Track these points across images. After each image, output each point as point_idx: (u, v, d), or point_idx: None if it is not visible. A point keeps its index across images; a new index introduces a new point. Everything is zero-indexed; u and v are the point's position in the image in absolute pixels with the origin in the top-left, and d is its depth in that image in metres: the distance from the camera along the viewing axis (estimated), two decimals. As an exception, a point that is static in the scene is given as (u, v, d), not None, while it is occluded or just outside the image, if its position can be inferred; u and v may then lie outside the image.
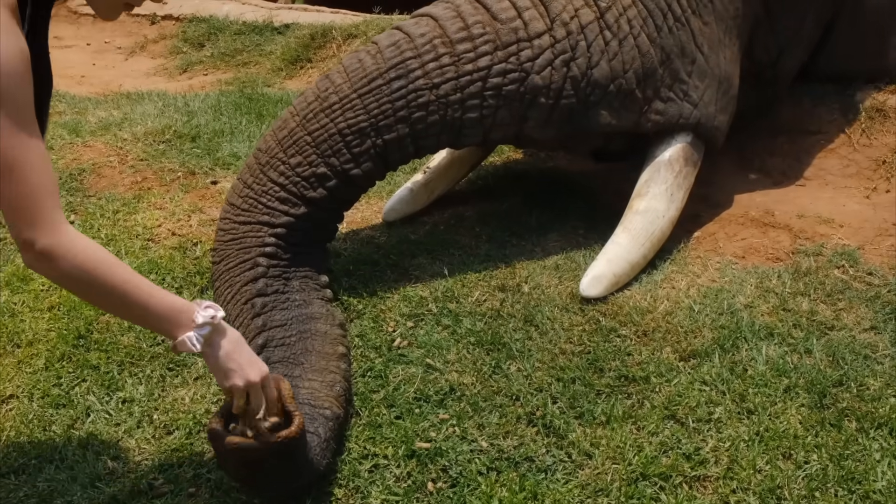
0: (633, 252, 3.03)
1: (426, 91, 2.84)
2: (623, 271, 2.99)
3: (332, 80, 2.88)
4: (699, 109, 3.16)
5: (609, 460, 2.34)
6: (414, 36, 2.88)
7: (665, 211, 3.12)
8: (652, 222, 3.09)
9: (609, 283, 2.94)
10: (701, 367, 2.62)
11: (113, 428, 2.53)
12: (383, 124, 2.83)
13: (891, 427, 2.40)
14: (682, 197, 3.19)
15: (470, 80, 2.86)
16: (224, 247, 2.77)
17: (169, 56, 6.20)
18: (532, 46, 2.90)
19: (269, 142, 2.87)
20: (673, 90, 3.12)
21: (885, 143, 3.83)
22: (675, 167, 3.17)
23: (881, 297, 2.90)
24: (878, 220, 3.40)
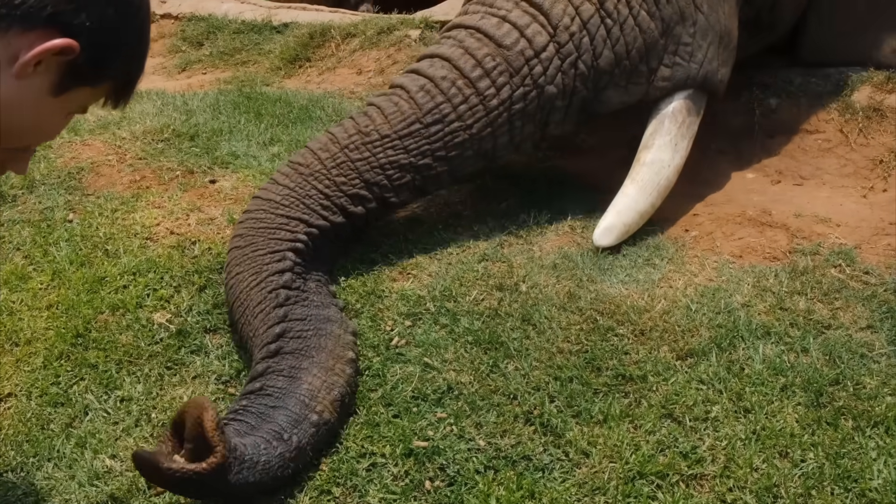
0: (641, 202, 3.24)
1: (461, 132, 3.08)
2: (633, 220, 3.21)
3: (372, 119, 3.07)
4: (704, 67, 3.33)
5: (606, 459, 2.35)
6: (437, 80, 3.09)
7: (670, 160, 3.31)
8: (658, 172, 3.28)
9: (620, 232, 3.18)
10: (698, 366, 2.63)
11: (111, 426, 2.54)
12: (423, 163, 3.05)
13: (887, 426, 2.41)
14: (686, 146, 3.36)
15: (497, 114, 3.10)
16: (254, 233, 2.83)
17: (168, 55, 6.20)
18: (541, 61, 3.12)
19: (310, 159, 3.01)
20: (678, 54, 3.28)
21: (883, 143, 3.84)
22: (678, 118, 3.33)
23: (878, 297, 2.91)
24: (875, 220, 3.41)
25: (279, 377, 2.45)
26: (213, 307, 2.92)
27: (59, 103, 1.52)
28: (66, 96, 1.51)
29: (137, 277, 3.03)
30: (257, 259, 2.77)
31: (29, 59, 1.41)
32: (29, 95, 1.46)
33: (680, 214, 3.48)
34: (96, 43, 1.47)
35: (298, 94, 4.87)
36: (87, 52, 1.46)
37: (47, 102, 1.50)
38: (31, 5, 1.38)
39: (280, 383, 2.43)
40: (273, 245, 2.80)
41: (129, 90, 1.64)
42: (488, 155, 3.16)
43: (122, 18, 1.50)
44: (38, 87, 1.46)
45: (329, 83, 5.29)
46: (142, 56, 1.62)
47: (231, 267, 2.81)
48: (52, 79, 1.47)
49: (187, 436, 2.12)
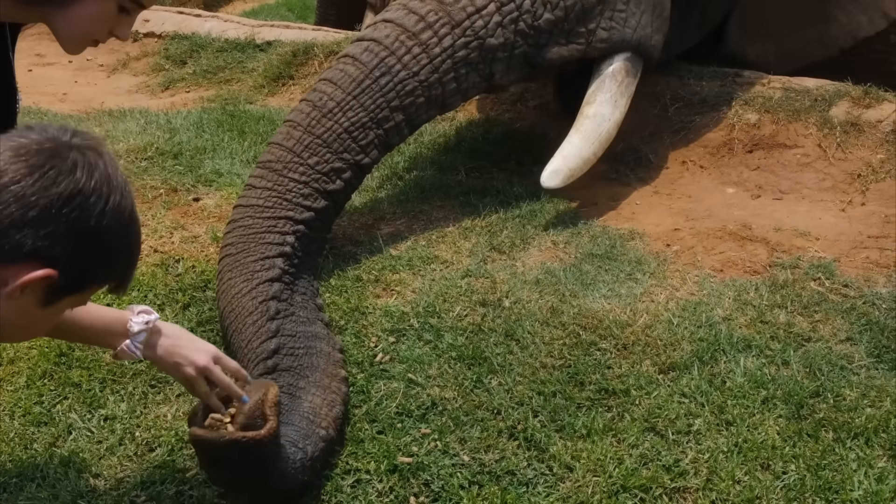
0: (585, 150, 3.54)
1: (410, 80, 3.24)
2: (577, 166, 3.51)
3: (324, 91, 3.19)
4: (637, 32, 3.63)
5: (590, 473, 2.36)
6: (380, 39, 3.27)
7: (610, 115, 3.60)
8: (599, 125, 3.58)
9: (565, 175, 3.48)
10: (680, 380, 2.65)
11: (95, 445, 2.53)
12: (382, 116, 3.19)
13: (867, 437, 2.43)
14: (624, 103, 3.67)
15: (441, 60, 3.29)
16: (243, 240, 2.89)
17: (151, 73, 6.20)
18: (482, 16, 3.34)
19: (278, 152, 3.09)
20: (613, 20, 3.56)
21: (860, 158, 3.88)
22: (617, 78, 3.63)
23: (857, 309, 2.94)
24: (853, 233, 3.45)
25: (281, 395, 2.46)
26: (196, 325, 2.92)
27: (51, 311, 1.74)
28: (57, 305, 1.74)
29: (121, 296, 3.02)
30: (248, 265, 2.81)
31: (13, 289, 1.63)
32: (21, 311, 1.69)
33: (661, 229, 3.51)
34: (74, 267, 1.69)
35: (282, 112, 4.88)
36: (67, 274, 1.68)
37: (39, 313, 1.72)
38: (13, 244, 1.60)
39: (282, 400, 2.44)
40: (263, 250, 2.85)
41: (124, 285, 1.87)
42: (439, 101, 3.34)
43: (99, 243, 1.71)
44: (28, 304, 1.68)
45: (312, 101, 5.30)
46: (132, 264, 1.85)
47: (223, 274, 2.84)
48: (39, 296, 1.69)
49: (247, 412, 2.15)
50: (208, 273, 3.12)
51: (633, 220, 3.60)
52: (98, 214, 1.67)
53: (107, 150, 1.75)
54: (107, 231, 1.70)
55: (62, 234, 1.64)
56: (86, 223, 1.66)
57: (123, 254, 1.79)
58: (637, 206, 3.74)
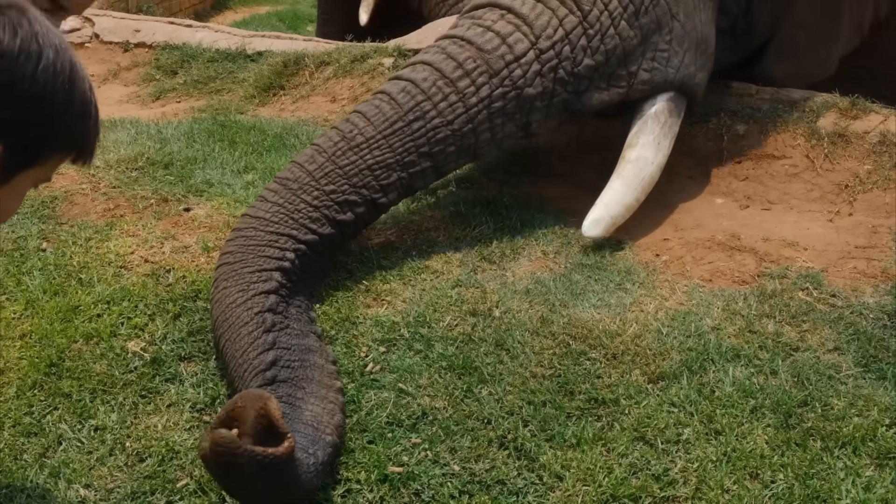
0: (627, 196, 3.43)
1: (443, 128, 3.21)
2: (619, 213, 3.40)
3: (355, 124, 3.18)
4: (680, 71, 3.54)
5: (580, 482, 2.37)
6: (418, 81, 3.24)
7: (653, 158, 3.50)
8: (642, 169, 3.47)
9: (608, 224, 3.37)
10: (669, 389, 2.66)
11: (85, 456, 2.53)
12: (408, 160, 3.17)
13: (854, 446, 2.45)
14: (668, 145, 3.57)
15: (477, 110, 3.24)
16: (243, 250, 2.88)
17: (142, 83, 6.20)
18: (521, 65, 3.29)
19: (298, 173, 3.08)
20: (655, 60, 3.48)
21: (848, 168, 3.91)
22: (660, 119, 3.53)
23: (844, 319, 2.96)
24: (841, 244, 3.47)
25: (281, 405, 2.46)
26: (187, 335, 2.92)
27: (9, 189, 1.61)
28: (13, 183, 1.60)
29: (111, 306, 3.03)
30: (245, 276, 2.80)
31: None
32: None
33: (651, 239, 3.53)
34: (22, 137, 1.55)
35: (273, 122, 4.89)
36: (12, 148, 1.53)
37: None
38: None
39: (284, 410, 2.44)
40: (261, 263, 2.84)
41: (86, 152, 1.71)
42: (471, 151, 3.30)
43: (40, 107, 1.55)
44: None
45: (303, 111, 5.32)
46: (85, 121, 1.66)
47: (218, 282, 2.83)
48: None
49: (250, 429, 2.13)
50: (199, 283, 3.12)
51: (623, 230, 3.61)
52: (30, 76, 1.51)
53: (32, 8, 1.56)
54: (45, 93, 1.53)
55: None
56: (18, 87, 1.50)
57: (72, 117, 1.61)
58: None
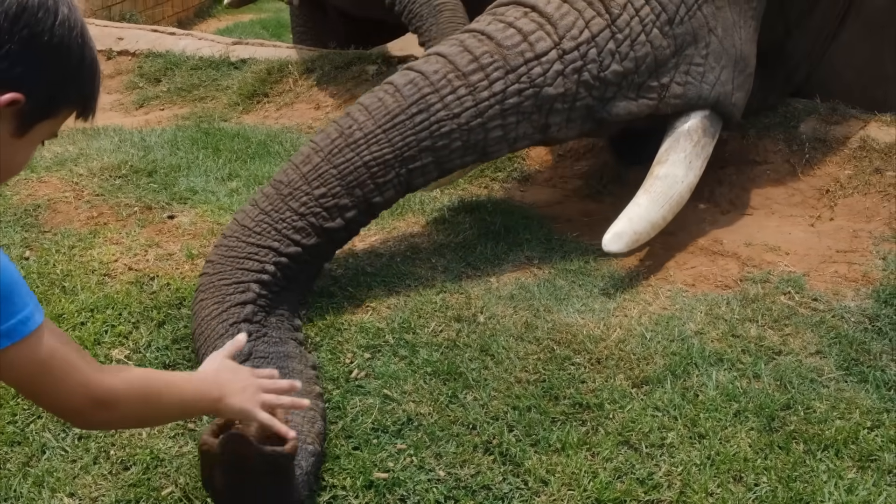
0: (654, 213, 3.21)
1: (448, 121, 3.03)
2: (643, 230, 3.18)
3: (355, 118, 3.03)
4: (716, 89, 3.33)
5: (565, 487, 2.38)
6: (428, 73, 3.07)
7: (683, 177, 3.28)
8: (671, 186, 3.25)
9: (630, 239, 3.14)
10: (653, 394, 2.68)
11: (69, 464, 2.52)
12: (408, 155, 3.00)
13: (837, 449, 2.47)
14: (700, 165, 3.33)
15: (488, 105, 3.05)
16: (223, 261, 2.84)
17: (125, 91, 6.19)
18: (541, 63, 3.11)
19: (292, 175, 2.98)
20: (689, 74, 3.29)
21: (828, 173, 3.94)
22: (693, 137, 3.32)
23: (826, 323, 2.99)
24: (822, 248, 3.50)
25: None
26: (172, 343, 2.92)
27: (26, 141, 1.65)
28: (30, 134, 1.64)
29: (95, 314, 3.02)
30: (221, 289, 2.78)
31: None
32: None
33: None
34: (42, 87, 1.60)
35: (256, 130, 4.90)
36: (36, 96, 1.59)
37: (14, 143, 1.63)
38: None
39: None
40: (239, 275, 2.81)
41: (92, 106, 1.76)
42: (479, 148, 3.10)
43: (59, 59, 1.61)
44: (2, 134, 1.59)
45: (287, 118, 5.32)
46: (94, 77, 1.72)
47: (198, 293, 2.83)
48: (11, 125, 1.60)
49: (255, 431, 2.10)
50: (183, 291, 3.11)
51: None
52: (50, 29, 1.58)
53: None
54: (62, 47, 1.61)
55: (18, 54, 1.55)
56: (40, 39, 1.57)
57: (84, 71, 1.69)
58: (610, 223, 3.77)
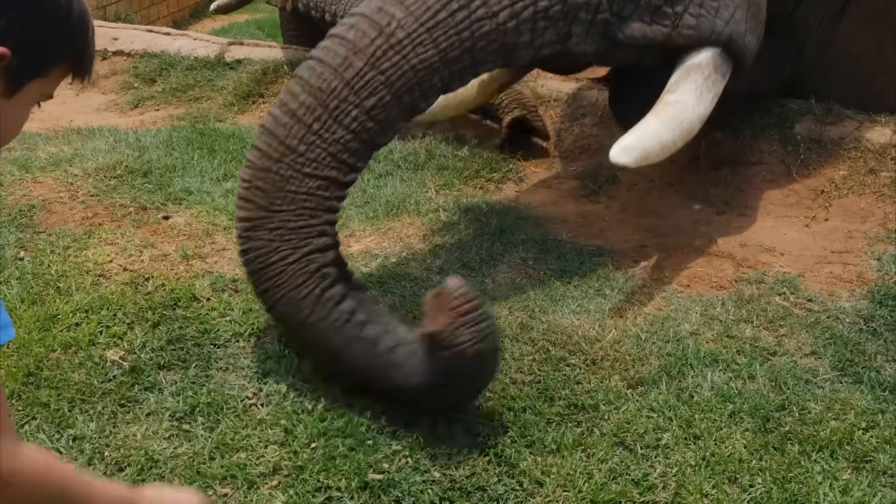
0: (664, 133, 3.11)
1: (487, 20, 2.87)
2: (653, 148, 3.07)
3: (392, 14, 2.77)
4: (730, 26, 3.27)
5: (560, 488, 2.38)
6: None
7: (694, 106, 3.19)
8: (681, 112, 3.17)
9: (639, 154, 3.03)
10: (648, 395, 2.68)
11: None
12: (452, 56, 2.82)
13: (832, 449, 2.47)
14: (710, 99, 3.25)
15: (523, 6, 2.92)
16: (279, 195, 2.62)
17: (120, 91, 6.18)
18: None
19: (334, 83, 2.68)
20: (703, 7, 3.22)
21: (823, 174, 3.95)
22: (704, 71, 3.25)
23: (821, 323, 2.99)
24: (817, 248, 3.51)
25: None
26: (166, 343, 2.91)
27: (17, 101, 1.58)
28: (21, 94, 1.57)
29: (90, 315, 3.01)
30: (292, 232, 2.60)
31: None
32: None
33: (629, 246, 3.55)
34: (29, 41, 1.53)
35: (252, 130, 4.89)
36: (22, 51, 1.51)
37: (5, 106, 1.55)
38: None
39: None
40: (307, 218, 2.62)
41: (86, 64, 1.67)
42: (509, 52, 2.97)
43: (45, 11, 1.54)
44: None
45: (282, 119, 5.31)
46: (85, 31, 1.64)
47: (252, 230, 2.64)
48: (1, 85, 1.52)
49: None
50: (178, 291, 3.11)
51: (602, 236, 3.64)
52: None
53: None
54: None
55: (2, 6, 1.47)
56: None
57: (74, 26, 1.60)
58: (605, 223, 3.78)
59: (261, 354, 2.86)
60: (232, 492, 2.37)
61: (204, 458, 2.46)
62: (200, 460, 2.45)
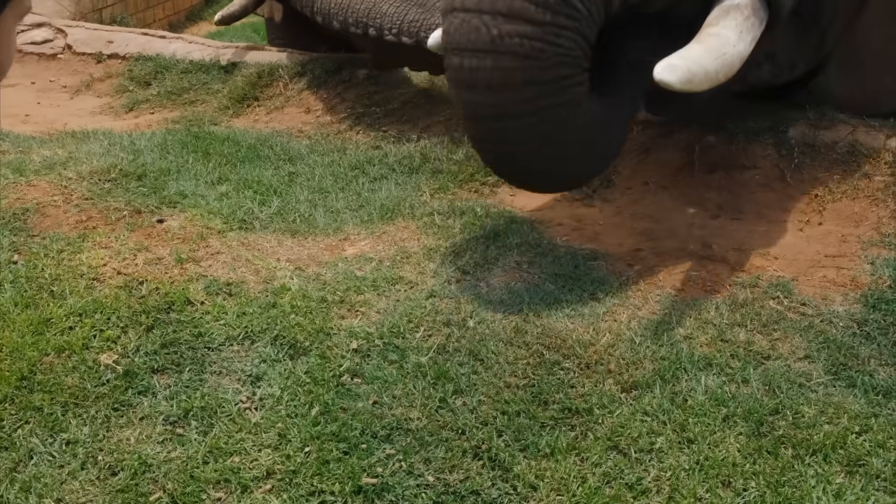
0: (707, 61, 3.03)
1: None
2: (697, 72, 2.98)
3: None
4: None
5: (553, 492, 2.38)
6: None
7: (735, 42, 3.11)
8: (723, 45, 3.08)
9: (683, 75, 2.94)
10: (642, 399, 2.68)
11: (56, 470, 2.51)
12: None
13: (825, 453, 2.47)
14: (749, 40, 3.16)
15: None
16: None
17: (115, 95, 6.17)
18: None
19: None
20: None
21: (817, 178, 3.95)
22: (744, 12, 3.17)
23: (814, 327, 3.00)
24: (811, 252, 3.51)
25: None
26: (160, 347, 2.91)
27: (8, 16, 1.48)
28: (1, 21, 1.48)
29: (84, 318, 3.01)
30: None
31: None
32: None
33: (623, 249, 3.55)
34: None
35: (247, 133, 4.89)
36: None
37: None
38: None
39: None
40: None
41: None
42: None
43: None
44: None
45: (277, 122, 5.32)
46: None
47: None
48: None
49: None
50: (172, 295, 3.11)
51: (596, 240, 3.64)
52: None
53: None
54: None
55: None
56: None
57: None
58: (600, 227, 3.78)
59: (255, 358, 2.85)
60: (225, 496, 2.37)
61: (197, 462, 2.46)
62: (194, 464, 2.45)
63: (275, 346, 2.90)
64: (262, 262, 3.37)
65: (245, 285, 3.22)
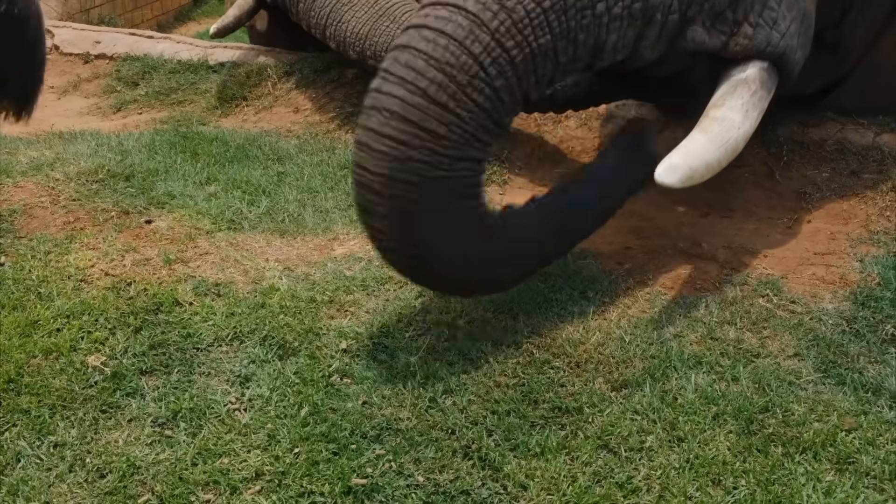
0: (710, 153, 3.04)
1: (588, 10, 2.81)
2: (698, 168, 3.00)
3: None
4: (785, 40, 3.21)
5: (544, 491, 2.37)
6: None
7: (740, 123, 3.12)
8: (728, 130, 3.10)
9: (684, 174, 2.96)
10: (632, 397, 2.68)
11: (44, 473, 2.49)
12: (560, 46, 2.78)
13: (815, 451, 2.47)
14: (755, 116, 3.20)
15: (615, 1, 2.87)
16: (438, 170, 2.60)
17: (102, 95, 6.15)
18: None
19: (461, 57, 2.63)
20: (762, 17, 3.15)
21: (805, 176, 3.96)
22: (751, 87, 3.19)
23: (804, 325, 3.00)
24: (800, 250, 3.52)
25: None
26: (148, 349, 2.89)
27: None
28: None
29: (71, 320, 2.99)
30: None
31: None
32: None
33: (613, 248, 3.55)
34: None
35: (235, 133, 4.87)
36: None
37: None
38: None
39: None
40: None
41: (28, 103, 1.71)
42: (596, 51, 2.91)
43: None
44: None
45: (266, 122, 5.30)
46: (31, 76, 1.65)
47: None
48: None
49: None
50: (160, 296, 3.09)
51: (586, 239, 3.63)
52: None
53: None
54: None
55: None
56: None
57: (20, 67, 1.59)
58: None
59: (244, 359, 2.84)
60: (215, 497, 2.36)
61: (186, 463, 2.45)
62: (183, 466, 2.44)
63: (264, 346, 2.88)
64: (251, 263, 3.36)
65: (234, 286, 3.20)
